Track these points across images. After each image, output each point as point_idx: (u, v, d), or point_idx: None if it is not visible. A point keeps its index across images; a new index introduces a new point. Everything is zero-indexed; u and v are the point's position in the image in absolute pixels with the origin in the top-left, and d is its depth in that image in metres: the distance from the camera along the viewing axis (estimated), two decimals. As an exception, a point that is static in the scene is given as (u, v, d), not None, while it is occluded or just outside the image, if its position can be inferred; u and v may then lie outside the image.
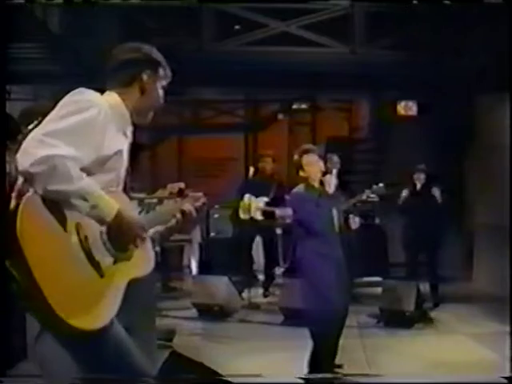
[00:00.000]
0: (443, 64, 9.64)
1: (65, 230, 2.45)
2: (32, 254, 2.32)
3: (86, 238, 2.50)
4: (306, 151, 5.61)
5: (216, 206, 10.36)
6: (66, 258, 2.44)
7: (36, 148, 2.37)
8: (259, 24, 10.17)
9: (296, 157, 5.64)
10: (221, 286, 8.04)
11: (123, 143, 2.75)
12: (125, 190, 2.80)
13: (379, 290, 8.24)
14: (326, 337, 5.61)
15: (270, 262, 9.46)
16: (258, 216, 8.94)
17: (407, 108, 10.84)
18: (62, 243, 2.44)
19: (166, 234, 3.08)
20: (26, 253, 2.31)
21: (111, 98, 2.76)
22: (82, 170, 2.48)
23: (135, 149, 2.89)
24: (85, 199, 2.44)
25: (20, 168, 2.40)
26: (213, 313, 7.85)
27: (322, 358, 5.63)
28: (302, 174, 5.56)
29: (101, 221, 2.52)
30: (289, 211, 8.24)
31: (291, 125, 12.74)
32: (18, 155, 2.40)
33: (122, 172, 2.76)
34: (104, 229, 2.55)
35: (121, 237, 2.58)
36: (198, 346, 6.66)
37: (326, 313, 5.48)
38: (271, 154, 9.46)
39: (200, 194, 3.03)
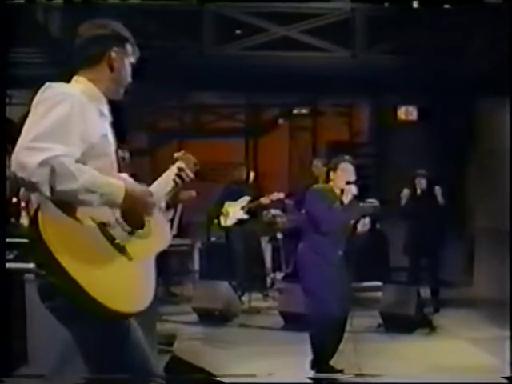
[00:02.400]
0: (443, 68, 9.65)
1: (83, 223, 2.49)
2: (63, 254, 2.38)
3: (104, 225, 2.55)
4: (348, 160, 5.72)
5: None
6: (93, 250, 2.50)
7: (29, 157, 2.37)
8: (260, 28, 10.18)
9: (334, 160, 5.75)
10: (221, 290, 8.04)
11: (105, 125, 2.75)
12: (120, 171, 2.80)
13: (380, 294, 8.23)
14: (325, 340, 5.63)
15: (271, 266, 9.47)
16: (244, 216, 9.00)
17: (407, 113, 10.86)
18: (85, 236, 2.49)
19: (171, 198, 3.17)
20: (58, 255, 2.37)
21: (81, 83, 2.74)
22: (77, 162, 2.48)
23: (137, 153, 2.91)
24: (92, 191, 2.45)
25: (21, 181, 2.41)
26: (213, 317, 7.85)
27: (321, 361, 5.67)
28: (331, 176, 5.68)
29: (113, 205, 2.55)
30: (278, 195, 8.44)
31: (292, 129, 12.73)
32: (15, 170, 2.40)
33: (113, 154, 2.76)
34: (118, 212, 2.59)
35: (135, 212, 2.62)
36: (198, 350, 6.66)
37: (325, 316, 5.51)
38: (244, 163, 9.59)
39: (191, 157, 3.14)
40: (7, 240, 4.65)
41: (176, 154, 3.16)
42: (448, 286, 9.29)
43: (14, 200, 5.27)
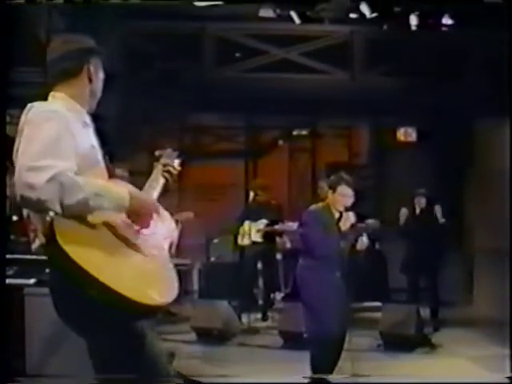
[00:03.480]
0: (442, 90, 9.72)
1: (95, 228, 2.55)
2: (84, 259, 2.42)
3: (114, 228, 2.61)
4: (346, 182, 5.68)
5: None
6: (110, 251, 2.55)
7: (35, 176, 2.42)
8: (260, 51, 10.28)
9: (333, 179, 5.74)
10: (220, 309, 8.03)
11: (90, 135, 2.81)
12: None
13: (379, 314, 8.21)
14: (324, 358, 5.63)
15: (270, 286, 9.45)
16: (258, 238, 8.99)
17: (407, 134, 10.92)
18: (101, 240, 2.55)
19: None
20: (80, 261, 2.41)
21: (59, 99, 2.79)
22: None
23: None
24: (100, 195, 2.51)
25: (28, 202, 2.45)
26: (212, 336, 7.82)
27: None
28: (329, 196, 5.67)
29: (120, 210, 2.61)
30: (292, 225, 8.38)
31: (291, 151, 12.77)
32: (21, 191, 2.44)
33: (103, 161, 2.81)
34: (124, 216, 2.64)
35: (141, 214, 2.68)
36: (196, 369, 6.63)
37: (324, 334, 5.51)
38: (265, 183, 9.55)
39: (173, 151, 3.26)
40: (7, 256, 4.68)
41: (157, 152, 3.24)
42: (448, 306, 9.27)
43: (15, 218, 5.29)
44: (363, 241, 5.92)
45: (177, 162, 3.24)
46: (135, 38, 9.97)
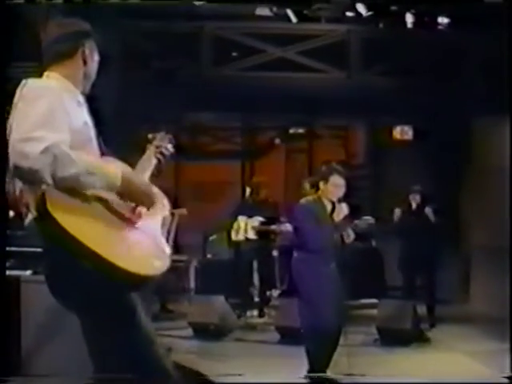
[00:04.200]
0: (439, 88, 9.75)
1: (89, 203, 2.57)
2: (75, 228, 2.45)
3: (107, 202, 2.63)
4: (338, 172, 5.69)
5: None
6: (101, 222, 2.58)
7: (29, 146, 2.43)
8: (257, 50, 10.30)
9: (325, 170, 5.74)
10: (216, 304, 8.03)
11: (84, 113, 2.83)
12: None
13: (375, 312, 8.21)
14: (320, 351, 5.63)
15: (266, 283, 9.45)
16: (253, 236, 8.98)
17: (403, 132, 10.94)
18: (92, 211, 2.57)
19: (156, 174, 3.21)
20: (70, 229, 2.43)
21: (53, 78, 2.82)
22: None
23: None
24: (92, 173, 2.52)
25: (21, 172, 2.46)
26: (208, 332, 7.81)
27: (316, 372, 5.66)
28: (321, 187, 5.66)
29: (112, 189, 2.61)
30: (287, 227, 8.37)
31: (288, 151, 12.81)
32: (15, 161, 2.45)
33: (95, 140, 2.83)
34: (116, 195, 2.65)
35: (132, 196, 2.69)
36: (193, 363, 6.61)
37: (320, 328, 5.50)
38: (265, 181, 9.55)
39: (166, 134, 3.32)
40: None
41: (150, 135, 3.29)
42: (444, 303, 9.27)
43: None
44: (350, 234, 5.93)
45: (170, 146, 3.28)
46: (132, 36, 9.98)
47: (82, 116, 2.79)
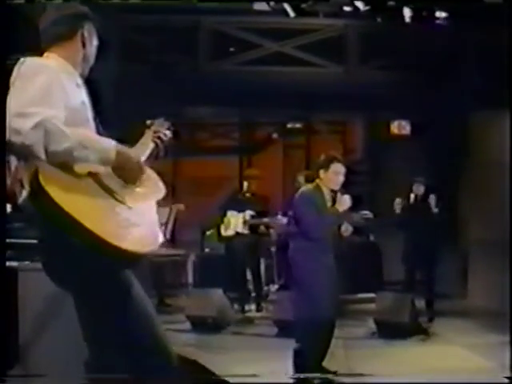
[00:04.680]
0: (437, 82, 9.73)
1: (83, 180, 2.56)
2: (66, 202, 2.46)
3: (100, 180, 2.61)
4: (339, 160, 5.67)
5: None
6: (93, 198, 2.56)
7: (22, 122, 2.43)
8: (254, 44, 10.29)
9: (325, 158, 5.69)
10: (214, 298, 8.02)
11: (83, 94, 2.82)
12: None
13: (373, 306, 8.20)
14: (312, 344, 5.59)
15: (260, 278, 9.42)
16: (244, 230, 8.94)
17: (401, 127, 10.94)
18: (84, 187, 2.56)
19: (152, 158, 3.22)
20: (61, 203, 2.44)
21: (53, 58, 2.81)
22: None
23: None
24: (86, 147, 2.51)
25: (15, 147, 2.46)
26: (206, 325, 7.80)
27: (310, 362, 5.62)
28: (321, 175, 5.63)
29: (105, 163, 2.59)
30: (280, 219, 8.35)
31: (286, 146, 12.79)
32: (9, 136, 2.45)
33: (93, 122, 2.82)
34: (110, 170, 2.63)
35: (126, 172, 2.66)
36: (191, 355, 6.59)
37: (316, 318, 5.48)
38: (256, 174, 9.53)
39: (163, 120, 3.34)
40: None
41: (149, 121, 3.30)
42: (442, 297, 9.27)
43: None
44: (347, 227, 5.92)
45: (168, 132, 3.29)
46: (130, 30, 9.97)
47: (80, 96, 2.78)
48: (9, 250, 5.26)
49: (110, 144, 2.61)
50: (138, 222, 2.65)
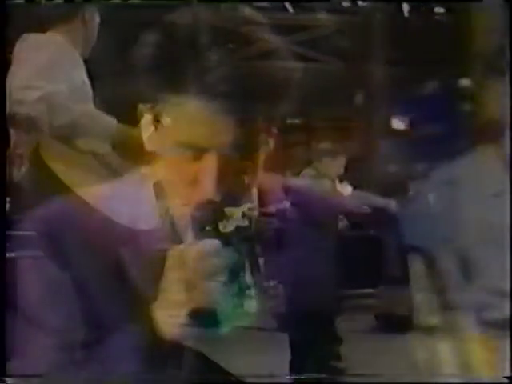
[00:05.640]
0: (437, 77, 9.75)
1: (82, 153, 2.63)
2: (66, 176, 2.46)
3: (102, 157, 2.66)
4: (337, 151, 5.79)
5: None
6: (93, 174, 2.59)
7: (27, 94, 2.48)
8: (253, 39, 10.27)
9: (323, 149, 5.77)
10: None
11: (83, 73, 2.86)
12: None
13: (373, 301, 8.20)
14: (313, 337, 5.57)
15: (259, 270, 9.41)
16: (244, 223, 8.92)
17: (401, 122, 10.95)
18: (87, 164, 2.61)
19: None
20: (68, 182, 2.41)
21: (55, 36, 2.85)
22: None
23: None
24: (88, 120, 2.58)
25: (18, 119, 2.45)
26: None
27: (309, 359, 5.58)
28: (321, 163, 5.67)
29: (106, 138, 2.64)
30: (285, 204, 8.32)
31: (285, 141, 12.79)
32: (11, 108, 2.43)
33: (91, 103, 2.84)
34: (110, 148, 2.67)
35: (126, 149, 2.64)
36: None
37: (309, 309, 5.47)
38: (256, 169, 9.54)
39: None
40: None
41: (149, 105, 3.25)
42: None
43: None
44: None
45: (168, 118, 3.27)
46: (128, 26, 9.96)
47: (81, 75, 2.81)
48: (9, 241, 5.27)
49: (111, 121, 2.64)
50: (136, 200, 2.63)
